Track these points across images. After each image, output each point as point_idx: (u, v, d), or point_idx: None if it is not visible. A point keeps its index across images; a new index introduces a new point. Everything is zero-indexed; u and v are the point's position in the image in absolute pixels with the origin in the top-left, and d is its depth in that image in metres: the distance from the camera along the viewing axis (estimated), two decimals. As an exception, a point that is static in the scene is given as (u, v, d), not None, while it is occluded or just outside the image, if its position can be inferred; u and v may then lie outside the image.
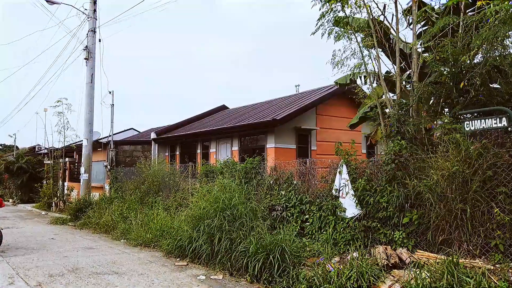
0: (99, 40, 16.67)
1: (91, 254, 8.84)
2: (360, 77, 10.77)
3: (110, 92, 17.82)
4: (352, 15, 8.42)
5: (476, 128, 5.94)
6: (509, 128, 5.64)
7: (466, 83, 6.22)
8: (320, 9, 8.55)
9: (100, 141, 18.79)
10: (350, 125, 11.96)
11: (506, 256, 5.51)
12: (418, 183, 6.29)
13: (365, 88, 11.75)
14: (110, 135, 18.12)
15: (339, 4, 8.29)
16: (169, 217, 10.34)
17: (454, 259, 5.16)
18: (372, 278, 5.60)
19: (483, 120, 5.88)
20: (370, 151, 16.22)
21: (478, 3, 7.12)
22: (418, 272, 5.27)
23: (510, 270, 5.25)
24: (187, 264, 7.79)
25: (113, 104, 17.66)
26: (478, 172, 5.63)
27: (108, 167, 17.78)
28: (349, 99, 15.27)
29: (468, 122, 6.05)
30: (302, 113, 13.38)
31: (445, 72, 6.75)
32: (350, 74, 10.89)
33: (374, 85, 9.18)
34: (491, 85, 6.59)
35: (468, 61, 6.32)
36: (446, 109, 7.88)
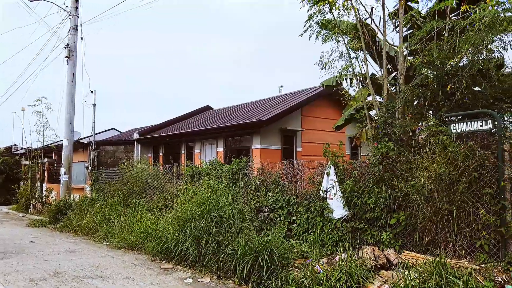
0: (81, 38, 16.30)
1: (73, 257, 8.60)
2: (346, 79, 10.86)
3: (92, 92, 17.43)
4: (340, 17, 8.47)
5: (462, 130, 6.04)
6: (494, 131, 5.75)
7: (452, 86, 6.31)
8: (308, 10, 8.58)
9: (81, 141, 18.38)
10: (336, 127, 12.04)
11: (491, 256, 5.62)
12: (406, 184, 6.35)
13: (351, 90, 11.86)
14: (92, 135, 17.74)
15: (327, 6, 8.33)
16: (153, 219, 10.16)
17: (442, 260, 5.22)
18: (361, 279, 5.62)
19: (469, 123, 5.98)
20: (353, 152, 16.38)
21: (462, 8, 7.27)
22: (406, 273, 5.31)
23: (495, 270, 5.35)
24: (173, 267, 7.67)
25: (95, 104, 17.30)
26: (464, 173, 5.72)
27: (89, 168, 17.39)
28: (334, 101, 15.40)
29: (454, 125, 6.15)
30: (288, 114, 13.39)
31: (431, 75, 6.85)
32: (336, 76, 10.99)
33: (360, 87, 9.25)
34: (475, 89, 6.71)
35: (454, 65, 6.43)
36: (431, 112, 8.01)
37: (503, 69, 7.07)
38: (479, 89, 6.77)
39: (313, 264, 6.43)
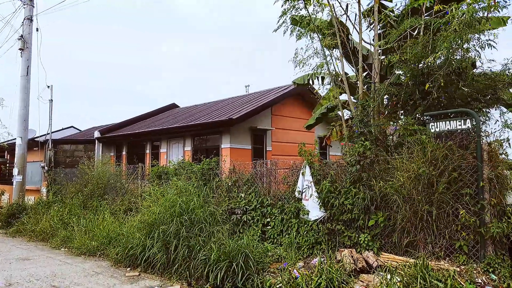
0: (37, 30, 15.21)
1: (27, 266, 7.85)
2: (318, 78, 10.70)
3: (48, 87, 16.33)
4: (315, 13, 8.24)
5: (441, 129, 5.96)
6: (474, 130, 5.69)
7: (430, 85, 6.22)
8: (282, 5, 8.29)
9: (36, 139, 17.20)
10: (307, 126, 11.88)
11: (470, 257, 5.55)
12: (384, 184, 6.20)
13: (323, 89, 11.72)
14: (48, 133, 16.63)
15: (302, 1, 8.09)
16: (117, 222, 9.53)
17: (425, 263, 5.08)
18: (343, 284, 5.39)
19: (448, 122, 5.91)
20: (323, 152, 16.33)
21: (436, 8, 7.24)
22: (389, 277, 5.13)
23: (474, 272, 5.28)
24: (139, 274, 7.14)
25: (51, 100, 16.21)
26: (444, 173, 5.62)
27: (46, 168, 16.28)
28: (304, 100, 15.30)
29: (433, 124, 6.06)
30: (259, 113, 13.09)
31: (408, 74, 6.74)
32: (309, 75, 10.80)
33: (334, 85, 9.08)
34: (450, 88, 6.67)
35: (430, 63, 6.34)
36: (402, 112, 7.96)
37: (475, 69, 7.08)
38: (455, 89, 6.74)
39: (290, 269, 6.15)
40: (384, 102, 8.54)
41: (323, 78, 10.40)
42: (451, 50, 5.96)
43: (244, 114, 12.18)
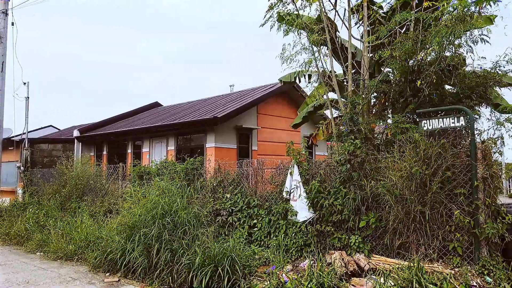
0: (12, 24, 14.54)
1: (-2, 272, 7.38)
2: (305, 76, 10.48)
3: (24, 83, 15.66)
4: (303, 7, 8.00)
5: (434, 127, 5.78)
6: (467, 128, 5.53)
7: (423, 81, 6.04)
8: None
9: (12, 139, 16.47)
10: (294, 125, 11.64)
11: (464, 259, 5.39)
12: (376, 184, 5.98)
13: (309, 87, 11.53)
14: (25, 132, 15.96)
15: (289, -5, 7.84)
16: (96, 225, 9.09)
17: (420, 265, 4.88)
18: (334, 289, 5.15)
19: (441, 120, 5.74)
20: (308, 151, 16.14)
21: (425, 4, 7.09)
22: (382, 281, 4.90)
23: (469, 274, 5.10)
24: (118, 280, 6.75)
25: (28, 97, 15.56)
26: (438, 173, 5.44)
27: (22, 168, 15.62)
28: (290, 99, 15.08)
29: (426, 121, 5.88)
30: (244, 111, 12.79)
31: (399, 71, 6.55)
32: (295, 73, 10.56)
33: (322, 81, 8.86)
34: (441, 86, 6.52)
35: (422, 59, 6.17)
36: (392, 109, 7.79)
37: (465, 66, 6.95)
38: (446, 86, 6.60)
39: (278, 273, 5.88)
40: (373, 101, 8.37)
41: (310, 76, 10.18)
42: (443, 46, 5.79)
43: (229, 113, 11.86)
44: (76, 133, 16.95)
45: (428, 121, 5.83)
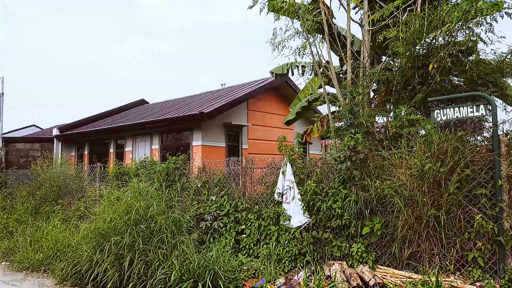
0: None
1: (-51, 287, 6.44)
2: (298, 67, 9.69)
3: (-1, 79, 14.69)
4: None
5: (449, 118, 4.99)
6: (488, 118, 4.75)
7: (435, 66, 5.24)
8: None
9: (-14, 138, 15.46)
10: (286, 122, 10.85)
11: (485, 272, 4.60)
12: (381, 184, 5.18)
13: (303, 80, 10.72)
14: (-1, 131, 14.96)
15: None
16: (67, 231, 8.18)
17: (438, 281, 4.08)
18: (335, 310, 4.32)
19: (457, 109, 4.94)
20: (302, 147, 15.35)
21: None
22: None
23: (493, 289, 4.32)
24: (86, 296, 5.87)
25: (3, 93, 14.57)
26: (455, 170, 4.65)
27: (-4, 169, 14.62)
28: (282, 95, 14.29)
29: (438, 111, 5.08)
30: (233, 107, 11.94)
31: (406, 55, 5.75)
32: (287, 64, 9.78)
33: (316, 70, 8.04)
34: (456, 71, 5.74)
35: (435, 39, 5.38)
36: (396, 100, 7.00)
37: (478, 51, 6.19)
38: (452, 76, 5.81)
39: (268, 287, 5.06)
40: (372, 94, 7.60)
41: (303, 67, 9.40)
42: (463, 22, 4.99)
43: (217, 108, 11.00)
44: (55, 131, 15.98)
45: (441, 111, 5.04)
